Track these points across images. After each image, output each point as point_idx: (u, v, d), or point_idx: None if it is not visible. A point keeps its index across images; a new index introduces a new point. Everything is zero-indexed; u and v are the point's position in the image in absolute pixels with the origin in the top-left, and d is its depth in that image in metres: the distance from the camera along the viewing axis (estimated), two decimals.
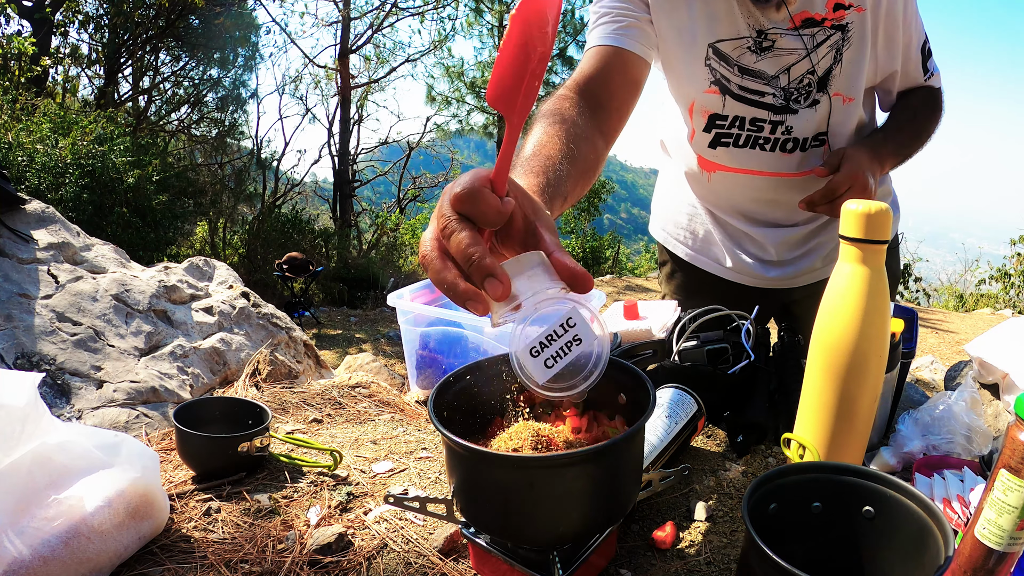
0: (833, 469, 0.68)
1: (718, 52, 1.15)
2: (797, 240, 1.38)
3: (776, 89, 1.17)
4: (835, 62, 1.15)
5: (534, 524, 0.67)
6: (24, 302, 1.84)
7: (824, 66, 1.15)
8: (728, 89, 1.18)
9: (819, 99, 1.18)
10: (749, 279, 1.43)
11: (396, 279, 10.81)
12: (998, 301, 8.80)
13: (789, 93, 1.17)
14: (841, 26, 1.12)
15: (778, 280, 1.41)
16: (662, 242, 1.58)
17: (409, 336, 1.52)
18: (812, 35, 1.12)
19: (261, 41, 13.44)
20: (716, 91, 1.19)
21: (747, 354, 1.12)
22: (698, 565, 0.78)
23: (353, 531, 0.87)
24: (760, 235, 1.38)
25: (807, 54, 1.13)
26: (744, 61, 1.15)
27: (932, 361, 3.27)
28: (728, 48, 1.14)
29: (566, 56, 12.82)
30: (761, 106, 1.19)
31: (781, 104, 1.18)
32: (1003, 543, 0.61)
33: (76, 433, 0.82)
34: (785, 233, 1.37)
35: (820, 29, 1.11)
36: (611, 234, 13.57)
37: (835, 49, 1.13)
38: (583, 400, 0.85)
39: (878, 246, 0.77)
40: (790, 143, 1.22)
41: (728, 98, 1.19)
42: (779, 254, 1.39)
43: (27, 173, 5.94)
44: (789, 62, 1.14)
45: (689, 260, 1.51)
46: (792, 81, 1.16)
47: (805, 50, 1.13)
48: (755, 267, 1.41)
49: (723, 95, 1.19)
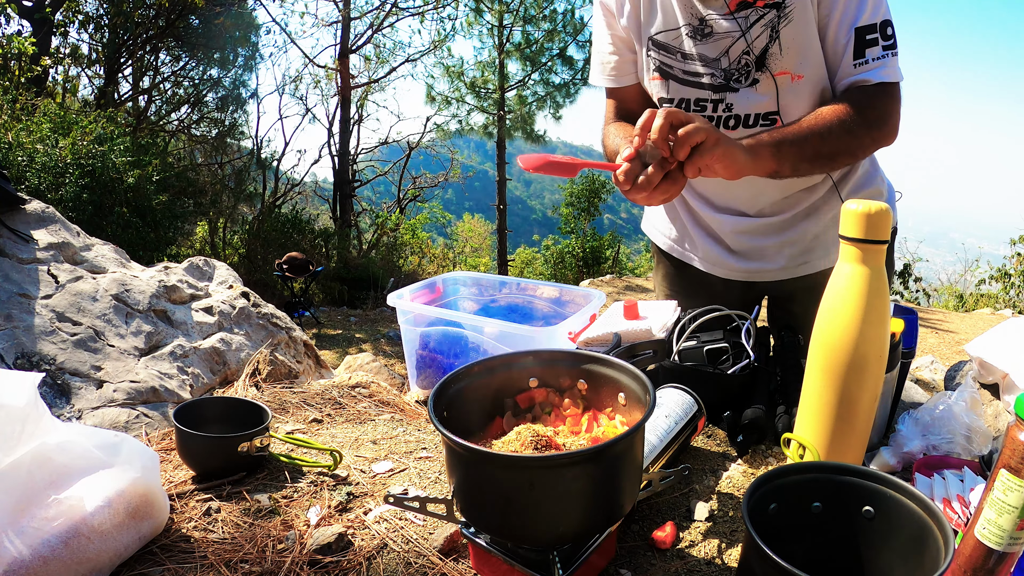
0: (833, 469, 0.68)
1: (657, 43, 1.26)
2: (761, 230, 1.38)
3: (716, 70, 1.22)
4: (771, 40, 1.17)
5: (534, 524, 0.67)
6: (24, 302, 1.84)
7: (760, 45, 1.18)
8: (670, 74, 1.27)
9: (758, 78, 1.21)
10: (719, 270, 1.46)
11: (396, 279, 10.82)
12: (998, 301, 8.80)
13: (730, 74, 1.22)
14: (776, 3, 1.14)
15: (750, 272, 1.43)
16: (648, 234, 1.64)
17: (409, 336, 1.52)
18: (746, 16, 1.17)
19: (261, 41, 13.45)
20: (659, 77, 1.29)
21: (747, 354, 1.12)
22: (698, 565, 0.78)
23: (353, 531, 0.87)
24: (725, 224, 1.41)
25: (742, 35, 1.18)
26: (685, 48, 1.24)
27: (932, 361, 3.27)
28: (669, 38, 1.25)
29: (566, 56, 12.81)
30: (701, 87, 1.25)
31: (720, 83, 1.23)
32: (1003, 543, 0.61)
33: (76, 433, 0.82)
34: (749, 222, 1.38)
35: (753, 10, 1.16)
36: (611, 234, 13.57)
37: (770, 27, 1.16)
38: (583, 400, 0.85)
39: (878, 246, 0.77)
40: (732, 120, 1.26)
41: (671, 82, 1.27)
42: (737, 243, 1.41)
43: (27, 173, 5.94)
44: (726, 45, 1.20)
45: (667, 250, 1.56)
46: (732, 63, 1.21)
47: (740, 31, 1.18)
48: (724, 257, 1.44)
49: (666, 80, 1.28)
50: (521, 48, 12.98)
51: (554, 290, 1.63)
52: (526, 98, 13.12)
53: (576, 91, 12.80)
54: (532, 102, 13.06)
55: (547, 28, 12.88)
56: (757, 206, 1.37)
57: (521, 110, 13.09)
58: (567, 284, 1.65)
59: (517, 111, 13.10)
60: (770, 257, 1.40)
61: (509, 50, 12.97)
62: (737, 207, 1.39)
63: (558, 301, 1.61)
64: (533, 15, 12.85)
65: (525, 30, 13.00)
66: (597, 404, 0.84)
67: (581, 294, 1.57)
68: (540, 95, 13.06)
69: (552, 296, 1.62)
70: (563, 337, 1.29)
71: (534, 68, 12.95)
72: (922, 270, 10.04)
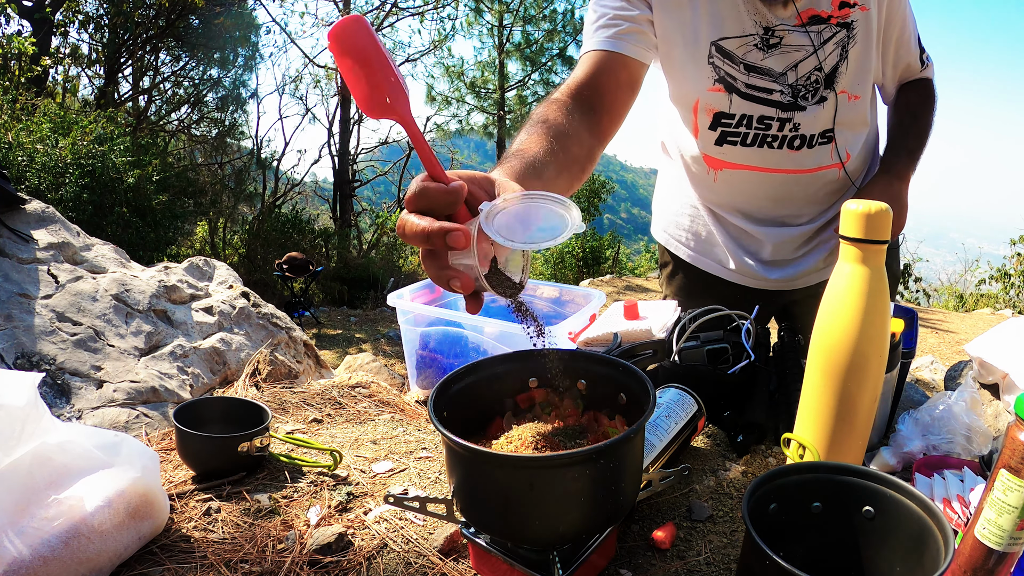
0: (833, 469, 0.68)
1: (721, 50, 1.15)
2: (799, 240, 1.38)
3: (784, 86, 1.17)
4: (841, 59, 1.16)
5: (534, 524, 0.67)
6: (24, 302, 1.84)
7: (831, 63, 1.15)
8: (734, 87, 1.18)
9: (826, 96, 1.18)
10: (751, 280, 1.43)
11: (396, 279, 10.81)
12: (998, 301, 8.80)
13: (797, 90, 1.17)
14: (846, 24, 1.13)
15: (780, 282, 1.41)
16: (663, 243, 1.57)
17: (409, 336, 1.52)
18: (819, 32, 1.13)
19: (261, 41, 13.45)
20: (721, 89, 1.18)
21: (747, 354, 1.12)
22: (698, 565, 0.78)
23: (353, 531, 0.87)
24: (761, 234, 1.37)
25: (814, 51, 1.14)
26: (751, 59, 1.15)
27: (932, 361, 3.27)
28: (733, 46, 1.14)
29: (566, 56, 12.81)
30: (769, 103, 1.19)
31: (789, 101, 1.19)
32: (1003, 543, 0.61)
33: (76, 433, 0.82)
34: (788, 232, 1.36)
35: (826, 26, 1.12)
36: (611, 234, 13.55)
37: (841, 47, 1.14)
38: (583, 399, 0.85)
39: (878, 246, 0.77)
40: (797, 140, 1.22)
41: (735, 96, 1.18)
42: (779, 254, 1.39)
43: (27, 173, 5.94)
44: (797, 59, 1.15)
45: (691, 261, 1.50)
46: (800, 78, 1.16)
47: (812, 47, 1.13)
48: (757, 268, 1.40)
49: (729, 93, 1.18)
50: (521, 48, 12.99)
51: (554, 290, 1.63)
52: (526, 98, 13.12)
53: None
54: (532, 102, 13.07)
55: (547, 28, 12.89)
56: (805, 216, 1.35)
57: (521, 110, 13.10)
58: (567, 284, 1.65)
59: (517, 111, 13.11)
60: (800, 263, 1.39)
61: (509, 50, 12.98)
62: (780, 218, 1.35)
63: (558, 301, 1.61)
64: (533, 15, 12.86)
65: (525, 30, 13.01)
66: (597, 404, 0.84)
67: (581, 294, 1.57)
68: (540, 95, 13.07)
69: (552, 296, 1.62)
70: (563, 337, 1.29)
71: (534, 68, 12.96)
72: (922, 270, 10.03)
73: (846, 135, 1.25)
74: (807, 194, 1.31)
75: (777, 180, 1.29)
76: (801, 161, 1.25)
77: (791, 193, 1.31)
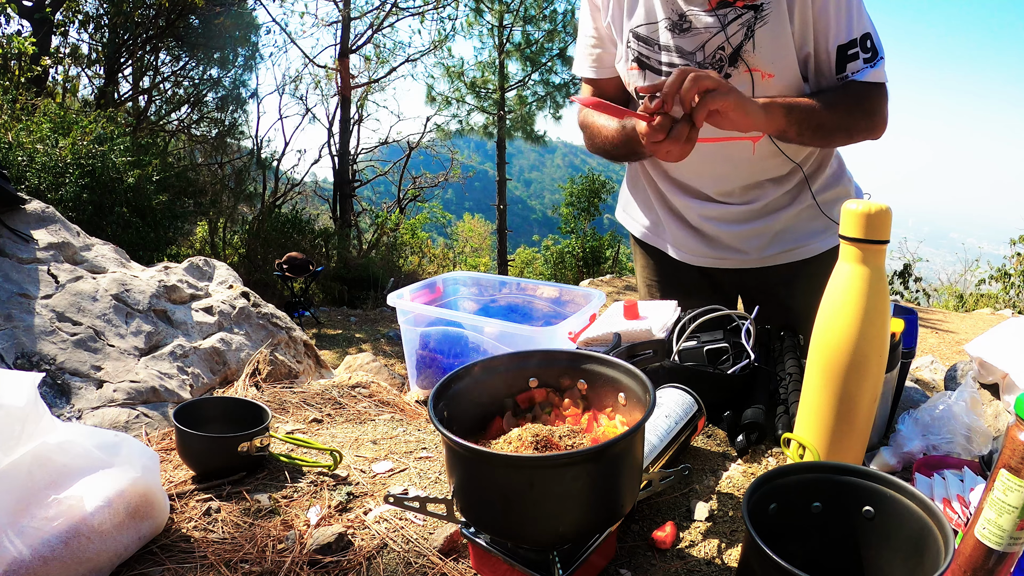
0: (833, 469, 0.68)
1: (637, 36, 1.32)
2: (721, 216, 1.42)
3: (692, 63, 1.28)
4: (746, 38, 1.24)
5: (534, 524, 0.67)
6: (24, 302, 1.84)
7: (735, 41, 1.24)
8: (647, 65, 1.33)
9: (731, 72, 1.26)
10: (690, 256, 1.49)
11: (396, 279, 10.81)
12: (998, 301, 8.80)
13: (703, 66, 1.27)
14: (755, 6, 1.21)
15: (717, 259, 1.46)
16: (623, 223, 1.67)
17: (409, 336, 1.52)
18: (725, 14, 1.23)
19: (261, 41, 13.44)
20: (636, 67, 1.34)
21: (747, 354, 1.12)
22: (698, 565, 0.78)
23: (353, 531, 0.87)
24: (686, 206, 1.44)
25: (720, 30, 1.23)
26: (662, 40, 1.29)
27: (932, 361, 3.27)
28: (648, 31, 1.30)
29: (566, 56, 12.80)
30: None
31: None
32: (1003, 543, 0.61)
33: (76, 433, 0.82)
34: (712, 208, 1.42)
35: (732, 9, 1.22)
36: (611, 234, 13.56)
37: (746, 27, 1.23)
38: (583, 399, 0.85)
39: (878, 246, 0.77)
40: None
41: (648, 72, 1.33)
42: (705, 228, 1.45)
43: (27, 173, 5.94)
44: (704, 39, 1.26)
45: (643, 239, 1.59)
46: (707, 56, 1.27)
47: (719, 27, 1.23)
48: (693, 242, 1.47)
49: (643, 70, 1.34)
50: (521, 48, 12.98)
51: (554, 290, 1.63)
52: (526, 98, 13.12)
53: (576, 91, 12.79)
54: (532, 102, 13.06)
55: (547, 28, 12.88)
56: (724, 189, 1.41)
57: (521, 110, 13.10)
58: (567, 284, 1.65)
59: (517, 111, 13.10)
60: (736, 246, 1.45)
61: (509, 50, 12.97)
62: (705, 191, 1.43)
63: (558, 301, 1.61)
64: (533, 15, 12.86)
65: (525, 30, 13.01)
66: (597, 404, 0.84)
67: (581, 294, 1.57)
68: (540, 95, 13.06)
69: (552, 296, 1.62)
70: (563, 337, 1.29)
71: (534, 68, 12.95)
72: (922, 270, 10.04)
73: None
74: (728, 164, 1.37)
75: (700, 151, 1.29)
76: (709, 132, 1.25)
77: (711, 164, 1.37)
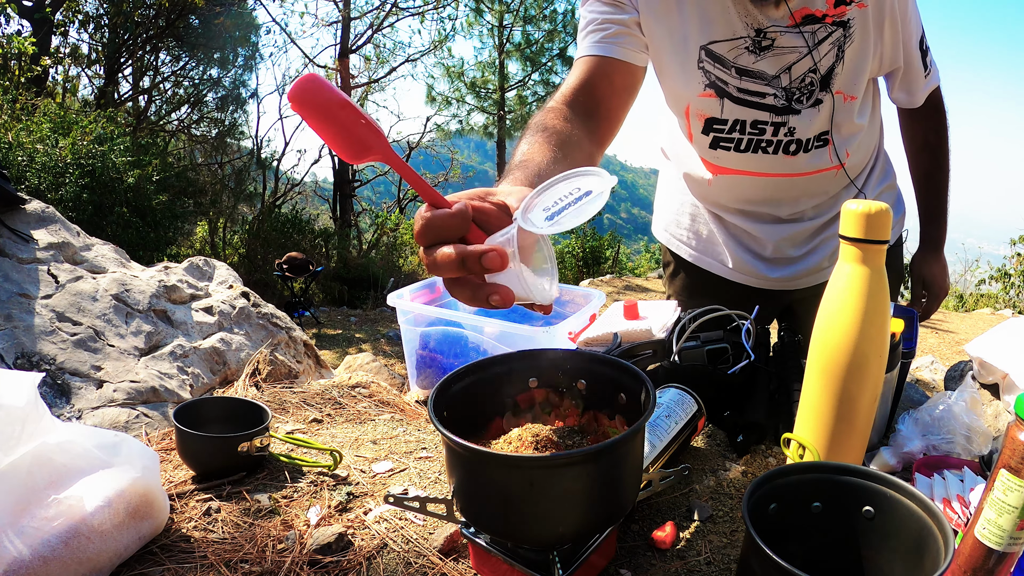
0: (833, 469, 0.68)
1: (711, 54, 1.11)
2: (800, 237, 1.37)
3: (777, 89, 1.13)
4: (837, 59, 1.12)
5: (534, 524, 0.67)
6: (24, 302, 1.84)
7: (827, 64, 1.11)
8: (726, 92, 1.15)
9: (822, 98, 1.15)
10: (753, 280, 1.42)
11: (396, 279, 10.81)
12: (998, 301, 8.80)
13: (791, 93, 1.14)
14: (843, 22, 1.08)
15: (782, 281, 1.41)
16: (665, 243, 1.56)
17: (409, 336, 1.52)
18: (813, 32, 1.09)
19: (261, 41, 13.45)
20: (712, 94, 1.15)
21: (747, 354, 1.12)
22: (698, 565, 0.78)
23: (353, 531, 0.87)
24: (762, 233, 1.36)
25: (808, 52, 1.10)
26: (742, 62, 1.11)
27: (932, 361, 3.27)
28: (723, 49, 1.11)
29: (566, 56, 12.81)
30: (762, 108, 1.16)
31: (783, 105, 1.15)
32: (1003, 543, 0.61)
33: (76, 433, 0.82)
34: (789, 229, 1.35)
35: (821, 26, 1.08)
36: (611, 234, 13.55)
37: (837, 46, 1.10)
38: (583, 397, 0.85)
39: (878, 246, 0.77)
40: (793, 145, 1.20)
41: (726, 101, 1.15)
42: (780, 252, 1.38)
43: (27, 173, 5.94)
44: (790, 61, 1.11)
45: (693, 261, 1.49)
46: (794, 80, 1.13)
47: (807, 47, 1.09)
48: (759, 267, 1.40)
49: (720, 98, 1.15)
50: (521, 48, 12.99)
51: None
52: (526, 98, 13.13)
53: None
54: (532, 102, 13.07)
55: (547, 28, 12.90)
56: (807, 213, 1.34)
57: (521, 110, 13.10)
58: (567, 284, 1.65)
59: (517, 111, 13.11)
60: (803, 262, 1.38)
61: (509, 50, 12.98)
62: (779, 216, 1.34)
63: (558, 301, 1.61)
64: (533, 15, 12.87)
65: (525, 30, 13.02)
66: (597, 404, 0.84)
67: (581, 294, 1.57)
68: (540, 95, 13.07)
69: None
70: (563, 337, 1.29)
71: (534, 68, 12.96)
72: None
73: (844, 136, 1.23)
74: (807, 193, 1.31)
75: (772, 184, 1.28)
76: (798, 165, 1.24)
77: (790, 195, 1.30)
